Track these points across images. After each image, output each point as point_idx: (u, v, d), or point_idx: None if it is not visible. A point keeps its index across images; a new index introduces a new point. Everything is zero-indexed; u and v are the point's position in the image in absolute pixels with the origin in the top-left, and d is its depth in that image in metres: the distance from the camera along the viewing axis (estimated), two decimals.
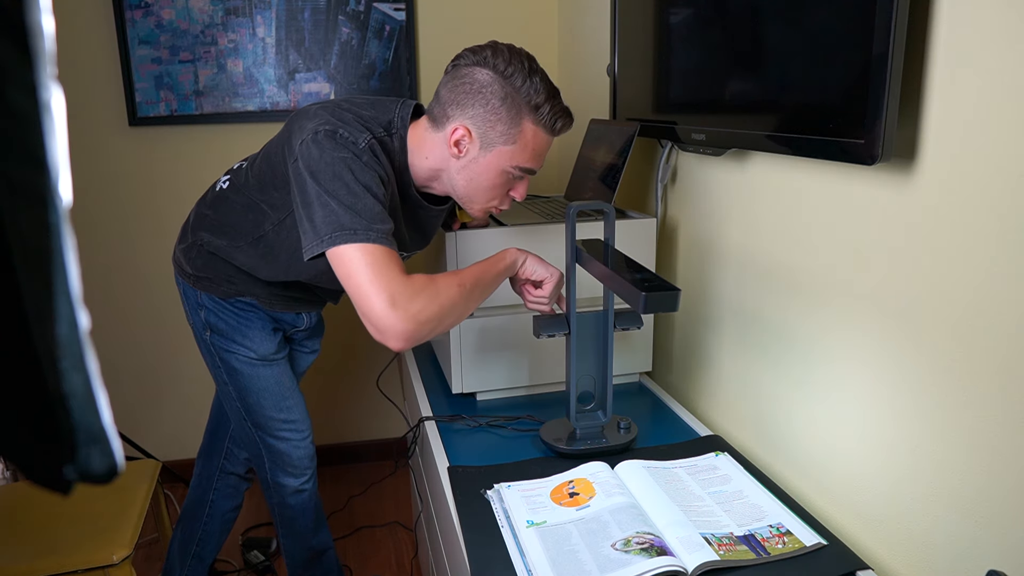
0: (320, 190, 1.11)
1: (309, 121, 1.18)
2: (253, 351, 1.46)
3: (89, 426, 0.36)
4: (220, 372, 1.49)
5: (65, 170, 0.33)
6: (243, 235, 1.36)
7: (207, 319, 1.45)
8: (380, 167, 1.16)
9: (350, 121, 1.17)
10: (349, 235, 1.08)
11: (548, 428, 1.29)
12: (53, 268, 0.33)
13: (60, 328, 0.34)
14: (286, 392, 1.52)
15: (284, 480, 1.55)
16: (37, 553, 1.41)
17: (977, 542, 0.85)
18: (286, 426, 1.52)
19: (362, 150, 1.14)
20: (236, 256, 1.39)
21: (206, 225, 1.42)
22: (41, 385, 0.34)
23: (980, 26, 0.80)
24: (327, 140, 1.13)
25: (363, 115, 1.21)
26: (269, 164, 1.30)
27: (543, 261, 1.25)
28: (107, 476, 0.37)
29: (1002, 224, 0.79)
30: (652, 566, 0.91)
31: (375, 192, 1.12)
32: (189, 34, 2.16)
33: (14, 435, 0.37)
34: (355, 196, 1.10)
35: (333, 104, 1.23)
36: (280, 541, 1.66)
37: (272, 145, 1.31)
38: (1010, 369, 0.80)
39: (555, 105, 1.17)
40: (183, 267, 1.47)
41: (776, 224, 1.20)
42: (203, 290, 1.44)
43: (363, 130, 1.17)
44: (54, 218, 0.33)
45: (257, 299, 1.44)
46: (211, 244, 1.41)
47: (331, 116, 1.18)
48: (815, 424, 1.13)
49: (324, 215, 1.10)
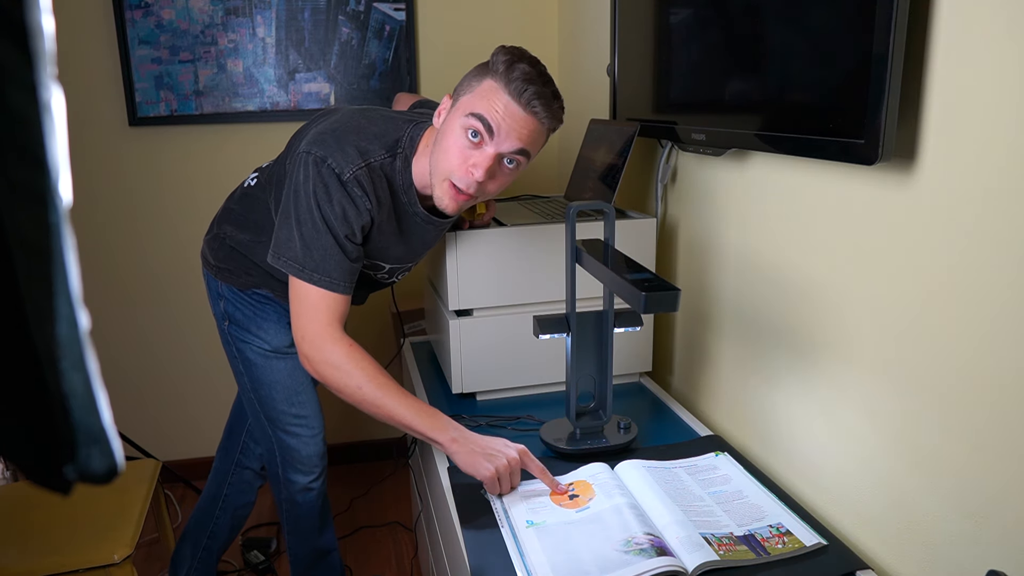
0: (293, 211, 1.21)
1: (313, 137, 1.22)
2: (267, 343, 1.48)
3: (89, 426, 0.36)
4: (237, 363, 1.52)
5: (65, 170, 0.33)
6: (264, 231, 1.39)
7: (226, 309, 1.49)
8: (364, 198, 1.20)
9: (348, 146, 1.20)
10: (297, 269, 1.20)
11: (548, 428, 1.29)
12: (53, 268, 0.33)
13: (60, 328, 0.34)
14: (299, 387, 1.51)
15: (293, 477, 1.55)
16: (38, 552, 1.41)
17: (977, 542, 0.85)
18: (297, 421, 1.52)
19: (346, 181, 1.18)
20: (256, 251, 1.42)
21: (231, 219, 1.46)
22: (41, 385, 0.34)
23: (980, 26, 0.80)
24: (314, 167, 1.19)
25: (368, 134, 1.23)
26: (282, 167, 1.34)
27: (477, 456, 1.14)
28: (107, 476, 0.37)
29: (1002, 223, 0.79)
30: (652, 566, 0.91)
31: (336, 232, 1.19)
32: (189, 34, 2.16)
33: (14, 435, 0.37)
34: (317, 233, 1.19)
35: (347, 119, 1.25)
36: (286, 539, 1.66)
37: (289, 147, 1.35)
38: (1010, 368, 0.79)
39: (518, 69, 1.12)
40: (207, 258, 1.51)
41: (776, 224, 1.20)
42: (224, 280, 1.47)
43: (356, 158, 1.19)
44: (54, 218, 0.33)
45: (273, 292, 1.46)
46: (233, 238, 1.45)
47: (332, 138, 1.21)
48: (815, 424, 1.13)
49: (287, 237, 1.21)
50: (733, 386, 1.37)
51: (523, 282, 1.42)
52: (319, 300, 1.20)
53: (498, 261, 1.40)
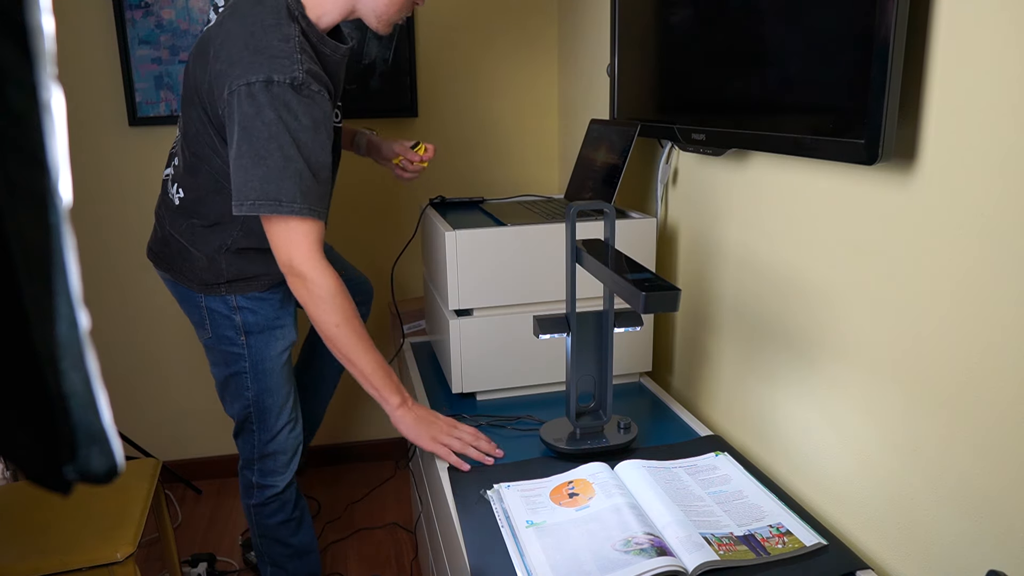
0: (249, 149, 1.14)
1: (234, 67, 1.16)
2: (288, 338, 1.51)
3: (89, 426, 0.36)
4: (247, 378, 1.49)
5: (65, 170, 0.33)
6: (250, 221, 1.37)
7: (244, 320, 1.45)
8: (321, 89, 1.18)
9: (268, 52, 1.15)
10: (273, 206, 1.15)
11: (548, 428, 1.29)
12: (53, 268, 0.33)
13: (60, 328, 0.34)
14: (292, 386, 1.56)
15: (271, 480, 1.58)
16: (40, 552, 1.41)
17: (977, 542, 0.86)
18: (289, 425, 1.55)
19: (300, 85, 1.15)
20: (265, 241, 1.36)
21: (218, 233, 1.40)
22: (41, 385, 0.34)
23: (980, 26, 0.80)
24: (264, 92, 1.13)
25: (264, 27, 1.18)
26: (200, 128, 1.29)
27: (421, 426, 1.24)
28: (107, 476, 0.37)
29: (1002, 223, 0.79)
30: (652, 566, 0.91)
31: (308, 153, 1.16)
32: (189, 34, 2.16)
33: (14, 435, 0.37)
34: (287, 161, 1.14)
35: (236, 35, 1.19)
36: (256, 544, 1.67)
37: (202, 100, 1.27)
38: (1009, 368, 0.80)
39: None
40: (209, 282, 1.43)
41: (776, 224, 1.20)
42: (240, 293, 1.44)
43: (287, 53, 1.15)
44: (54, 218, 0.33)
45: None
46: (238, 243, 1.40)
47: (252, 56, 1.15)
48: (815, 424, 1.13)
49: (249, 178, 1.15)
50: (733, 386, 1.37)
51: (523, 282, 1.42)
52: (302, 229, 1.19)
53: (498, 261, 1.40)
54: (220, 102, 1.19)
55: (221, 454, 2.50)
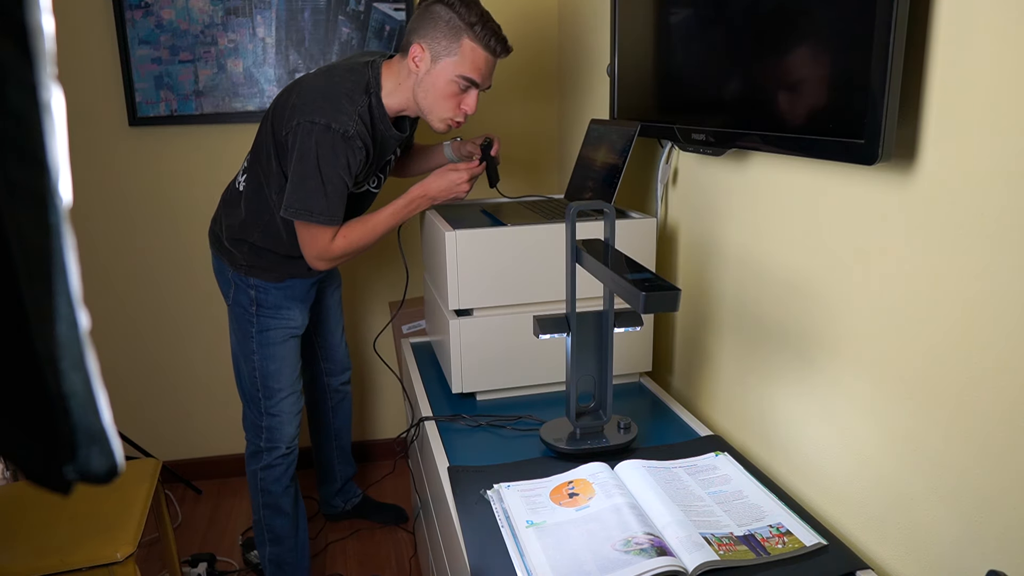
0: (299, 173, 1.49)
1: (305, 108, 1.48)
2: (293, 322, 1.77)
3: (89, 426, 0.36)
4: (252, 341, 1.74)
5: (65, 170, 0.33)
6: (284, 232, 1.65)
7: (257, 296, 1.73)
8: (362, 148, 1.51)
9: (339, 105, 1.48)
10: (307, 216, 1.51)
11: (548, 428, 1.29)
12: (53, 268, 0.33)
13: (60, 328, 0.34)
14: (298, 365, 1.81)
15: (274, 446, 1.79)
16: (40, 552, 1.41)
17: (977, 542, 0.86)
18: (291, 397, 1.78)
19: (350, 138, 1.48)
20: (286, 247, 1.67)
21: (251, 228, 1.68)
22: (41, 385, 0.34)
23: (981, 26, 0.80)
24: (321, 133, 1.47)
25: (345, 88, 1.50)
26: (267, 149, 1.59)
27: (442, 181, 1.56)
28: (107, 476, 0.37)
29: (1001, 223, 0.79)
30: (652, 566, 0.91)
31: (336, 184, 1.50)
32: (189, 34, 2.16)
33: (14, 435, 0.37)
34: (322, 186, 1.49)
35: (323, 84, 1.52)
36: (256, 514, 1.85)
37: (274, 125, 1.57)
38: (1010, 367, 0.80)
39: (487, 26, 1.47)
40: (235, 258, 1.72)
41: (776, 224, 1.20)
42: (256, 276, 1.72)
43: (351, 112, 1.49)
44: (54, 218, 0.32)
45: (300, 276, 1.74)
46: (262, 242, 1.68)
47: (324, 104, 1.48)
48: (815, 424, 1.13)
49: (298, 195, 1.50)
50: (733, 386, 1.37)
51: (523, 282, 1.42)
52: (323, 231, 1.54)
53: (498, 261, 1.40)
54: (287, 126, 1.51)
55: (221, 454, 2.50)
